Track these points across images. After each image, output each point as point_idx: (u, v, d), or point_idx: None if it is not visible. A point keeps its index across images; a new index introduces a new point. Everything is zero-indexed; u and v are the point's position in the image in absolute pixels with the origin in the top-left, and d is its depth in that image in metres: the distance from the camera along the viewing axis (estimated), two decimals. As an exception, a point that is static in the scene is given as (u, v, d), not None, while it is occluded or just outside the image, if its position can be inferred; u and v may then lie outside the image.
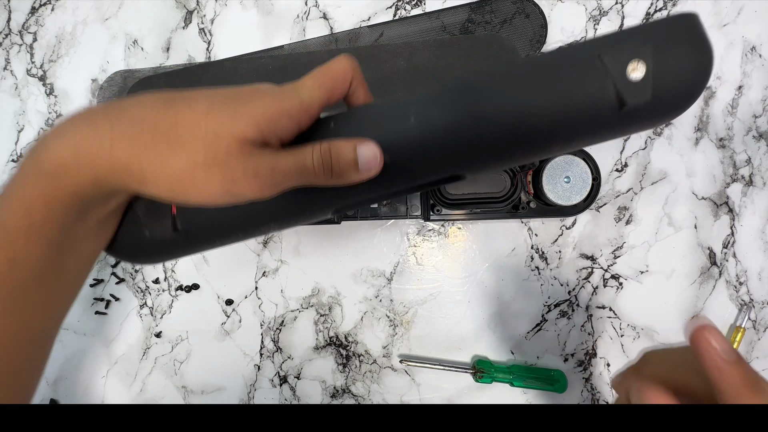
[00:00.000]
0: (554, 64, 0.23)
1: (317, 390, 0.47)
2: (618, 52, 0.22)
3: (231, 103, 0.22)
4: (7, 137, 0.46)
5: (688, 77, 0.23)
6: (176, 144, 0.21)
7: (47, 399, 0.47)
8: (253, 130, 0.21)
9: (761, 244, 0.45)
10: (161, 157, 0.21)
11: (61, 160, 0.21)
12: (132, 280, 0.47)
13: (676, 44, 0.23)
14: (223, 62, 0.45)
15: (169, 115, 0.22)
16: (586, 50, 0.23)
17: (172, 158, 0.21)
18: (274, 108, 0.22)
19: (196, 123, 0.21)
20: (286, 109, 0.23)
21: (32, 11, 0.46)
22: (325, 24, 0.45)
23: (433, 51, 0.44)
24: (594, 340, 0.46)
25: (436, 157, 0.25)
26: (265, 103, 0.22)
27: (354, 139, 0.24)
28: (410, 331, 0.46)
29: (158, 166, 0.21)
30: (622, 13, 0.45)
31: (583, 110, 0.23)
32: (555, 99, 0.23)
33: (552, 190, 0.40)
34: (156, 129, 0.21)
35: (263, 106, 0.22)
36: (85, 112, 0.22)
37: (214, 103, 0.22)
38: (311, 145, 0.23)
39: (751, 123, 0.45)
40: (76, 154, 0.21)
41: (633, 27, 0.23)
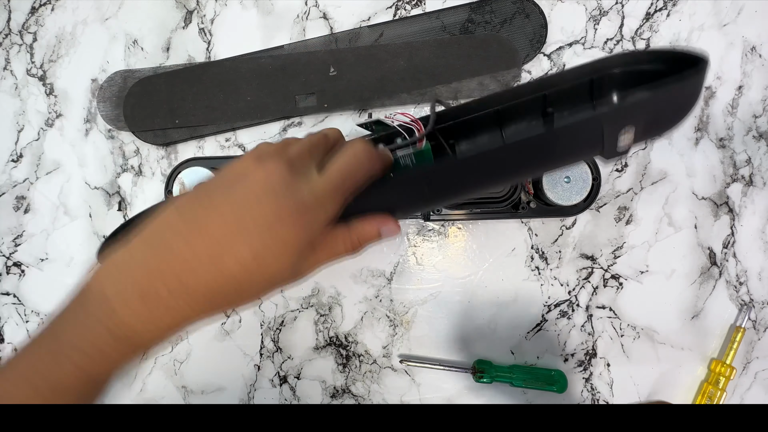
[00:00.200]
0: (564, 133, 0.26)
1: (317, 390, 0.47)
2: (618, 125, 0.24)
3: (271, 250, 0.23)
4: (7, 137, 0.46)
5: (672, 126, 0.26)
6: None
7: (47, 399, 0.47)
8: (295, 260, 0.24)
9: (761, 244, 0.45)
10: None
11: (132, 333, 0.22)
12: (132, 280, 0.47)
13: (675, 109, 0.26)
14: (223, 62, 0.45)
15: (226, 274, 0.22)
16: (590, 116, 0.27)
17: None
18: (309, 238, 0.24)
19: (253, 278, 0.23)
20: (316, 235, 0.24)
21: (32, 11, 0.46)
22: (325, 24, 0.46)
23: (433, 51, 0.44)
24: (594, 340, 0.46)
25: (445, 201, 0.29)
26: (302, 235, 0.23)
27: (376, 220, 0.26)
28: (410, 331, 0.46)
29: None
30: (622, 13, 0.45)
31: (569, 155, 0.27)
32: (557, 157, 0.27)
33: (552, 190, 0.40)
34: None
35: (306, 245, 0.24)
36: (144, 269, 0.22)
37: (260, 254, 0.22)
38: (341, 234, 0.26)
39: (751, 123, 0.45)
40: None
41: (647, 85, 0.25)
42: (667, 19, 0.45)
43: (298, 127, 0.46)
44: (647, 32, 0.45)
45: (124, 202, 0.46)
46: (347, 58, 0.44)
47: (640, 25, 0.45)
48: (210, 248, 0.22)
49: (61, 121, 0.46)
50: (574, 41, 0.45)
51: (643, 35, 0.45)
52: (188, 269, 0.21)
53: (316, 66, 0.44)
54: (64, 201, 0.46)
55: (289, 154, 0.24)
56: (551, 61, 0.45)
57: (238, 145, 0.46)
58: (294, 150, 0.25)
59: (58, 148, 0.46)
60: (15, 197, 0.46)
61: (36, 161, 0.46)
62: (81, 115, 0.46)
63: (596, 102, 0.30)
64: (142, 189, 0.46)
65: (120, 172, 0.46)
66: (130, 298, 0.21)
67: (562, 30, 0.45)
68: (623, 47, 0.45)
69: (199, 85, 0.44)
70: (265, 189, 0.22)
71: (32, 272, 0.47)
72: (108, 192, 0.46)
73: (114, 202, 0.46)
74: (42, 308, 0.47)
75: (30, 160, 0.46)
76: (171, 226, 0.22)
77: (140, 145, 0.46)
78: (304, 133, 0.46)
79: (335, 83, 0.44)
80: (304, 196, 0.23)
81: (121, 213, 0.46)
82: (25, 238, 0.46)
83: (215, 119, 0.44)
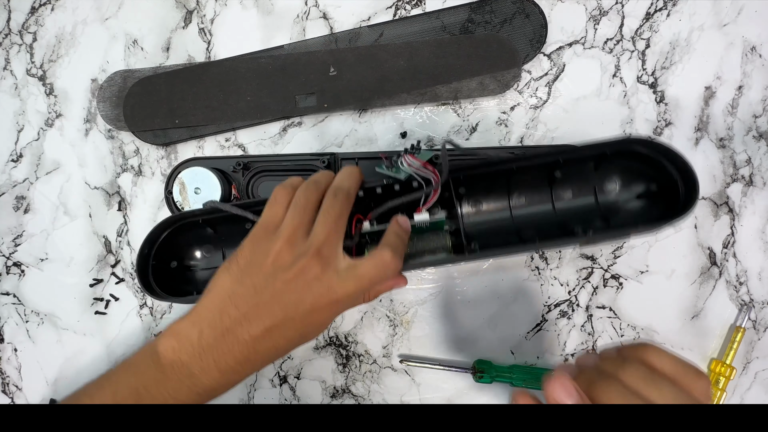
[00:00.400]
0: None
1: (317, 390, 0.47)
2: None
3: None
4: (7, 137, 0.46)
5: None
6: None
7: (47, 399, 0.47)
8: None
9: (761, 244, 0.45)
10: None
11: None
12: (132, 280, 0.47)
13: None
14: (223, 62, 0.45)
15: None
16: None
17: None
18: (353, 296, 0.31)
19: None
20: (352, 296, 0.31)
21: (32, 11, 0.46)
22: (325, 24, 0.45)
23: (433, 51, 0.44)
24: (594, 340, 0.46)
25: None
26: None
27: (392, 282, 0.34)
28: (410, 331, 0.46)
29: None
30: (622, 13, 0.45)
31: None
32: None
33: (552, 190, 0.40)
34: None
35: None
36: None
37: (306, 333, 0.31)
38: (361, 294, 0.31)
39: (751, 123, 0.45)
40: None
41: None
42: (667, 19, 0.45)
43: (298, 127, 0.46)
44: (647, 32, 0.45)
45: (124, 202, 0.46)
46: (347, 58, 0.44)
47: (640, 25, 0.45)
48: (266, 335, 0.28)
49: (61, 121, 0.46)
50: (574, 41, 0.45)
51: (643, 35, 0.45)
52: (251, 350, 0.28)
53: (316, 66, 0.44)
54: (64, 201, 0.46)
55: (317, 244, 0.29)
56: (551, 61, 0.45)
57: (238, 145, 0.46)
58: (320, 236, 0.29)
59: (58, 148, 0.46)
60: (15, 197, 0.46)
61: (36, 161, 0.46)
62: (81, 115, 0.46)
63: (598, 185, 0.37)
64: (142, 189, 0.46)
65: (120, 172, 0.46)
66: (212, 372, 0.28)
67: (562, 30, 0.45)
68: (623, 47, 0.45)
69: (199, 85, 0.44)
70: (304, 286, 0.29)
71: (32, 272, 0.47)
72: (108, 192, 0.46)
73: (114, 202, 0.46)
74: (42, 308, 0.47)
75: (30, 160, 0.46)
76: (231, 316, 0.28)
77: (140, 145, 0.46)
78: (304, 132, 0.46)
79: (335, 83, 0.44)
80: (336, 293, 0.29)
81: (121, 213, 0.46)
82: (25, 238, 0.46)
83: (215, 119, 0.44)
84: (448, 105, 0.45)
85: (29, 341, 0.47)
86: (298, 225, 0.30)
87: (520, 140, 0.45)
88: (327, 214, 0.30)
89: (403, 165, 0.34)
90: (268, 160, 0.43)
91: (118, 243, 0.46)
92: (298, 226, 0.30)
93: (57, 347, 0.47)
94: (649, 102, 0.45)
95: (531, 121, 0.45)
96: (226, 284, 0.29)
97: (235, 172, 0.42)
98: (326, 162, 0.41)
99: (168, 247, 0.40)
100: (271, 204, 0.31)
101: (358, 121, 0.46)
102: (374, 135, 0.46)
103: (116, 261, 0.47)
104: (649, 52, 0.45)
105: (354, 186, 0.33)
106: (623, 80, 0.45)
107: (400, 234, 0.33)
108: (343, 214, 0.31)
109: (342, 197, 0.31)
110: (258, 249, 0.30)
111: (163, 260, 0.40)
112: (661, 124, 0.45)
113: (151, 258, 0.38)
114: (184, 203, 0.41)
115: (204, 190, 0.41)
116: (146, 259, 0.38)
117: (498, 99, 0.45)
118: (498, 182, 0.36)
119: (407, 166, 0.34)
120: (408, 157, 0.34)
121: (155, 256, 0.38)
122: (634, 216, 0.36)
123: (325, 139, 0.46)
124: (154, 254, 0.38)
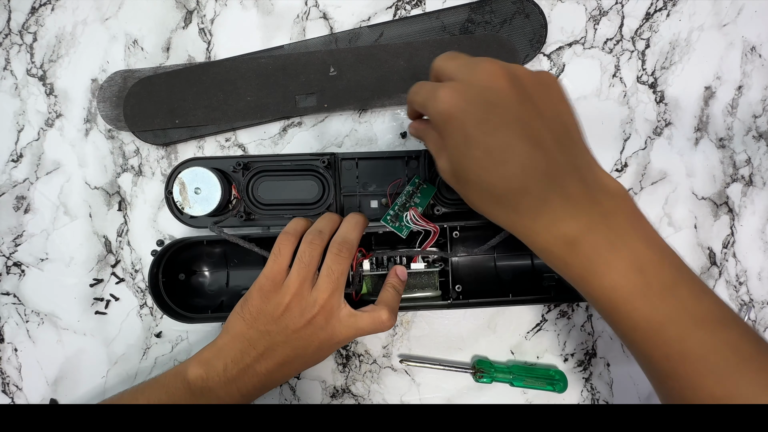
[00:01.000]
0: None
1: (317, 390, 0.47)
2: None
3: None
4: (7, 137, 0.46)
5: None
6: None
7: (47, 399, 0.47)
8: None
9: (761, 244, 0.45)
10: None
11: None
12: (132, 280, 0.47)
13: None
14: (223, 62, 0.45)
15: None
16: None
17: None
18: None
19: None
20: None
21: (32, 11, 0.46)
22: (325, 24, 0.46)
23: (433, 51, 0.44)
24: (594, 340, 0.46)
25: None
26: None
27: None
28: (410, 331, 0.46)
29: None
30: (621, 13, 0.45)
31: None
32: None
33: (552, 191, 0.41)
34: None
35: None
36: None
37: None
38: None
39: (751, 123, 0.45)
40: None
41: None
42: (667, 19, 0.45)
43: (298, 127, 0.46)
44: (647, 32, 0.45)
45: (124, 202, 0.46)
46: (347, 58, 0.44)
47: (639, 25, 0.45)
48: (279, 368, 0.34)
49: (61, 121, 0.46)
50: (574, 41, 0.45)
51: (643, 35, 0.45)
52: (268, 379, 0.34)
53: (316, 66, 0.44)
54: (64, 201, 0.46)
55: (322, 300, 0.34)
56: (551, 61, 0.45)
57: (238, 145, 0.46)
58: (324, 292, 0.34)
59: (58, 148, 0.46)
60: (15, 197, 0.46)
61: (36, 161, 0.46)
62: (81, 115, 0.46)
63: None
64: (142, 189, 0.46)
65: (120, 172, 0.46)
66: (235, 396, 0.34)
67: (562, 30, 0.45)
68: (623, 47, 0.45)
69: (199, 85, 0.44)
70: (311, 334, 0.34)
71: (32, 272, 0.47)
72: (108, 192, 0.46)
73: (114, 202, 0.46)
74: (42, 308, 0.47)
75: (30, 160, 0.46)
76: (250, 355, 0.34)
77: (140, 145, 0.46)
78: (304, 132, 0.46)
79: (335, 83, 0.44)
80: (337, 337, 0.35)
81: (121, 213, 0.46)
82: (25, 238, 0.46)
83: (215, 119, 0.44)
84: (448, 105, 0.45)
85: (29, 341, 0.47)
86: (303, 280, 0.34)
87: (520, 140, 0.45)
88: (330, 270, 0.34)
89: (407, 220, 0.39)
90: (268, 160, 0.43)
91: (118, 243, 0.46)
92: (303, 282, 0.34)
93: (57, 347, 0.47)
94: (649, 102, 0.45)
95: (531, 121, 0.45)
96: (243, 329, 0.34)
97: (235, 172, 0.43)
98: (326, 162, 0.42)
99: (175, 261, 0.43)
100: (275, 256, 0.35)
101: (358, 121, 0.46)
102: (374, 135, 0.46)
103: (116, 261, 0.47)
104: (649, 52, 0.45)
105: (358, 236, 0.36)
106: (623, 80, 0.45)
107: (397, 288, 0.37)
108: (345, 270, 0.35)
109: (345, 254, 0.34)
110: (268, 301, 0.34)
111: (172, 273, 0.43)
112: (660, 124, 0.45)
113: (161, 275, 0.42)
114: (185, 203, 0.41)
115: (204, 190, 0.41)
116: (155, 278, 0.41)
117: (498, 99, 0.45)
118: (488, 232, 0.40)
119: (411, 223, 0.39)
120: (412, 212, 0.39)
121: (163, 271, 0.42)
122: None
123: (325, 139, 0.46)
124: (163, 269, 0.42)
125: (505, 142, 0.25)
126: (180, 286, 0.44)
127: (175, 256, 0.43)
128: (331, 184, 0.42)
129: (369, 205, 0.43)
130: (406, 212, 0.39)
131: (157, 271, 0.41)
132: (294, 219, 0.38)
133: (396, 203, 0.40)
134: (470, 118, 0.26)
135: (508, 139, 0.25)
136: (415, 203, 0.40)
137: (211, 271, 0.46)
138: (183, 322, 0.42)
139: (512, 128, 0.26)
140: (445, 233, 0.40)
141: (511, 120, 0.26)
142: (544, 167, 0.26)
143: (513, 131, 0.26)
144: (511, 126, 0.26)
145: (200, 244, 0.43)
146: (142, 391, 0.36)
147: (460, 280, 0.42)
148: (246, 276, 0.45)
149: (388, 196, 0.42)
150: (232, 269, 0.45)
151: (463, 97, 0.26)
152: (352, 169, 0.43)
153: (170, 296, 0.42)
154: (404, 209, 0.39)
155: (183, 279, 0.44)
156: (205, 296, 0.45)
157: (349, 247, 0.35)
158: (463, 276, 0.44)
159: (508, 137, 0.25)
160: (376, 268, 0.41)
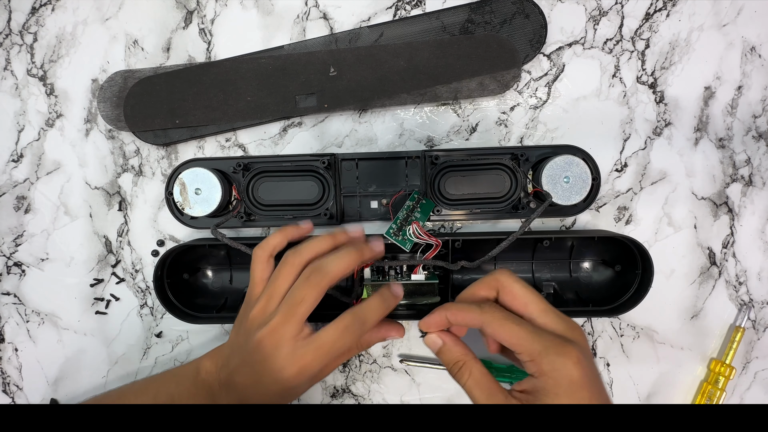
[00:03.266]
0: None
1: (317, 390, 0.47)
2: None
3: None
4: (7, 137, 0.46)
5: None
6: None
7: (47, 399, 0.47)
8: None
9: (761, 244, 0.45)
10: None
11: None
12: (132, 280, 0.47)
13: None
14: (223, 62, 0.45)
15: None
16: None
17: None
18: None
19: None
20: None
21: (32, 11, 0.46)
22: (325, 24, 0.46)
23: (433, 51, 0.44)
24: (594, 340, 0.46)
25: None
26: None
27: (385, 329, 0.37)
28: (410, 331, 0.46)
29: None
30: (621, 14, 0.45)
31: None
32: None
33: (552, 190, 0.40)
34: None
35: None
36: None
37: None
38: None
39: (751, 123, 0.45)
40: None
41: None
42: (667, 19, 0.45)
43: (298, 127, 0.46)
44: (647, 32, 0.45)
45: (124, 202, 0.46)
46: (347, 58, 0.44)
47: (639, 26, 0.45)
48: (251, 390, 0.33)
49: (61, 121, 0.46)
50: (574, 41, 0.45)
51: (643, 35, 0.45)
52: (244, 398, 0.34)
53: (316, 66, 0.44)
54: (64, 201, 0.46)
55: (273, 325, 0.32)
56: (551, 61, 0.45)
57: (239, 145, 0.46)
58: (277, 320, 0.32)
59: (59, 148, 0.46)
60: (15, 197, 0.46)
61: (36, 161, 0.46)
62: (81, 115, 0.46)
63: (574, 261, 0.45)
64: (142, 189, 0.46)
65: (120, 172, 0.46)
66: (245, 399, 0.34)
67: (562, 30, 0.45)
68: (623, 47, 0.45)
69: (199, 85, 0.44)
70: (258, 360, 0.33)
71: (32, 272, 0.47)
72: (108, 192, 0.46)
73: (114, 202, 0.46)
74: (42, 308, 0.47)
75: (30, 160, 0.46)
76: (231, 363, 0.35)
77: (140, 145, 0.46)
78: (304, 132, 0.46)
79: (335, 83, 0.44)
80: (283, 375, 0.32)
81: (121, 213, 0.46)
82: (26, 238, 0.46)
83: (215, 119, 0.44)
84: (448, 105, 0.45)
85: (30, 341, 0.47)
86: (269, 298, 0.33)
87: (519, 140, 0.45)
88: (292, 297, 0.32)
89: (409, 234, 0.40)
90: (268, 160, 0.43)
91: (118, 243, 0.46)
92: (268, 300, 0.33)
93: (57, 347, 0.47)
94: (649, 102, 0.45)
95: (531, 121, 0.45)
96: (232, 334, 0.36)
97: (236, 172, 0.43)
98: (326, 162, 0.42)
99: (179, 261, 0.44)
100: (251, 278, 0.36)
101: (358, 122, 0.46)
102: (374, 135, 0.46)
103: (117, 261, 0.47)
104: (649, 52, 0.45)
105: (341, 270, 0.33)
106: (623, 80, 0.45)
107: (387, 299, 0.34)
108: (309, 299, 0.32)
109: (314, 281, 0.32)
110: (244, 313, 0.35)
111: (176, 273, 0.44)
112: (660, 124, 0.45)
113: (165, 277, 0.42)
114: (185, 204, 0.41)
115: (204, 190, 0.41)
116: (161, 281, 0.42)
117: (498, 99, 0.45)
118: (489, 245, 0.40)
119: (414, 237, 0.40)
120: (415, 227, 0.40)
121: (168, 272, 0.43)
122: (598, 290, 0.44)
123: (325, 139, 0.46)
124: (167, 270, 0.43)
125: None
126: (185, 286, 0.44)
127: (178, 256, 0.43)
128: (331, 184, 0.42)
129: (369, 205, 0.43)
130: (408, 226, 0.40)
131: (161, 273, 0.42)
132: (287, 227, 0.37)
133: (398, 217, 0.41)
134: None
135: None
136: (416, 217, 0.41)
137: (215, 271, 0.46)
138: (189, 321, 0.42)
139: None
140: (447, 245, 0.41)
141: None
142: None
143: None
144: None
145: (203, 246, 0.43)
146: (154, 380, 0.38)
147: (461, 287, 0.42)
148: (249, 276, 0.45)
149: (390, 208, 0.43)
150: (235, 269, 0.45)
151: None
152: (352, 169, 0.43)
153: (175, 296, 0.42)
154: (406, 223, 0.40)
155: (187, 278, 0.44)
156: (208, 295, 0.45)
157: (322, 276, 0.32)
158: (465, 285, 0.44)
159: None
160: (378, 276, 0.41)
